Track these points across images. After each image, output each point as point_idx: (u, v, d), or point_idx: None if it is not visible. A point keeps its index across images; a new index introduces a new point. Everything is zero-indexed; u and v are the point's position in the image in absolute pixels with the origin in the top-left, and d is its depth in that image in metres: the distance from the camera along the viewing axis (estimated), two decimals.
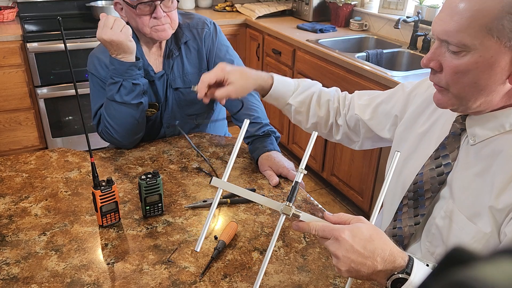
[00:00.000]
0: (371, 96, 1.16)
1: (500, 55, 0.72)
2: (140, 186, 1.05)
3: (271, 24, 3.01)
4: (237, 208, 1.15)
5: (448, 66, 0.78)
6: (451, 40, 0.75)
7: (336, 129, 1.21)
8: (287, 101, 1.18)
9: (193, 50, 1.49)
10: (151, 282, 0.90)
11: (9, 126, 2.77)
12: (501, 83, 0.75)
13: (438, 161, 0.89)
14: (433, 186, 0.89)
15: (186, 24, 1.49)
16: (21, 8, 2.97)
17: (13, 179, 1.25)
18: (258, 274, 0.80)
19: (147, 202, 1.07)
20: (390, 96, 1.11)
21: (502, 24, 0.70)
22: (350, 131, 1.19)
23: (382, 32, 2.84)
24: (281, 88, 1.16)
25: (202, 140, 1.49)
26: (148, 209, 1.08)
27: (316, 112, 1.19)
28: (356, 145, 1.22)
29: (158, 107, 1.50)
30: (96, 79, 1.43)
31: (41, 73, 2.67)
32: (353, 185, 2.44)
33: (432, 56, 0.80)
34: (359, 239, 0.71)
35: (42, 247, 0.99)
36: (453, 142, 0.87)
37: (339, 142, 1.25)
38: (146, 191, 1.06)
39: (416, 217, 0.92)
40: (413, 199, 0.93)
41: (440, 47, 0.79)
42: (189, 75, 1.50)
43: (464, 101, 0.79)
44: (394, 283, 0.70)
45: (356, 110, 1.15)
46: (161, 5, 1.34)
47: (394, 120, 1.08)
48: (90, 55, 1.46)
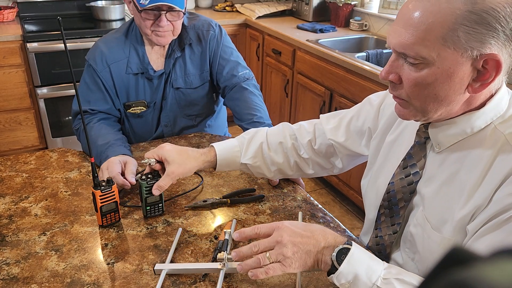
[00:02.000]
0: (338, 117, 1.12)
1: (458, 66, 0.72)
2: (140, 187, 1.05)
3: (271, 24, 3.01)
4: (237, 208, 1.15)
5: (407, 78, 0.77)
6: (408, 52, 0.74)
7: (304, 165, 1.14)
8: (239, 162, 1.12)
9: (197, 51, 1.50)
10: (151, 282, 0.90)
11: (9, 126, 2.77)
12: (461, 93, 0.75)
13: (407, 171, 0.89)
14: (405, 195, 0.89)
15: (191, 25, 1.49)
16: (21, 8, 2.97)
17: (13, 179, 1.25)
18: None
19: (148, 202, 1.07)
20: (358, 112, 1.08)
21: (458, 35, 0.69)
22: (322, 159, 1.13)
23: (382, 32, 2.84)
24: (226, 153, 1.11)
25: (202, 140, 1.49)
26: (148, 209, 1.08)
27: (273, 159, 1.13)
28: (335, 170, 1.16)
29: (146, 104, 1.50)
30: (91, 70, 1.43)
31: (41, 73, 2.67)
32: (353, 185, 2.44)
33: (390, 68, 0.79)
34: (298, 225, 0.79)
35: (42, 247, 0.99)
36: (419, 151, 0.87)
37: (315, 176, 1.19)
38: (147, 191, 1.05)
39: (394, 226, 0.92)
40: (388, 208, 0.93)
41: (398, 59, 0.78)
42: (191, 75, 1.51)
43: (425, 112, 0.79)
44: (339, 256, 0.75)
45: (328, 135, 1.10)
46: (167, 14, 1.35)
47: (368, 134, 1.06)
48: (94, 45, 1.46)
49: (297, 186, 1.25)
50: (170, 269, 0.91)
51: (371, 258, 0.77)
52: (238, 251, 0.82)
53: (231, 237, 0.95)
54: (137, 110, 1.51)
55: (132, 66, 1.44)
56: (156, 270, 0.91)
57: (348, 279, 0.74)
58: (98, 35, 2.68)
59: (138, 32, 1.45)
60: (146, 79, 1.48)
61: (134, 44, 1.45)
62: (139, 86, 1.48)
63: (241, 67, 1.53)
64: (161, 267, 0.91)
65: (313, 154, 1.13)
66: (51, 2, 3.04)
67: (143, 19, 1.35)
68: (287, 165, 1.14)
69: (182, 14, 1.39)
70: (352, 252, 0.75)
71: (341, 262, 0.74)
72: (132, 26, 1.46)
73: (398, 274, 0.74)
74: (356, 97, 2.23)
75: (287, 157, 1.14)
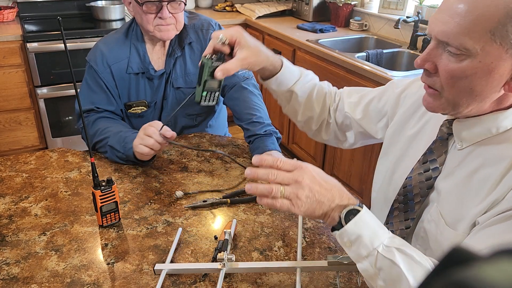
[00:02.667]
0: (360, 94, 1.12)
1: (501, 61, 0.70)
2: (203, 67, 0.92)
3: (271, 24, 3.01)
4: (237, 208, 1.15)
5: (445, 69, 0.75)
6: (451, 42, 0.72)
7: (326, 127, 1.17)
8: (289, 87, 1.09)
9: (197, 51, 1.50)
10: (151, 282, 0.90)
11: (9, 126, 2.77)
12: (497, 90, 0.74)
13: (426, 166, 0.88)
14: (422, 191, 0.88)
15: (191, 25, 1.50)
16: (21, 8, 2.97)
17: (13, 179, 1.25)
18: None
19: (206, 87, 0.95)
20: (380, 94, 1.08)
21: (506, 30, 0.68)
22: (338, 130, 1.16)
23: (382, 32, 2.84)
24: (288, 71, 1.07)
25: (202, 140, 1.49)
26: (204, 95, 0.95)
27: (313, 106, 1.13)
28: (345, 144, 1.18)
29: (147, 104, 1.50)
30: (93, 72, 1.43)
31: (41, 73, 2.67)
32: (353, 185, 2.44)
33: (427, 56, 0.77)
34: (320, 174, 0.76)
35: (42, 247, 0.99)
36: (441, 146, 0.86)
37: (326, 142, 1.21)
38: (210, 73, 0.93)
39: (407, 221, 0.92)
40: (403, 202, 0.92)
41: (437, 48, 0.76)
42: (191, 75, 1.51)
43: (456, 106, 0.78)
44: (347, 216, 0.74)
45: (346, 108, 1.11)
46: (168, 6, 1.35)
47: (386, 120, 1.06)
48: (94, 45, 1.46)
49: None
50: (170, 269, 0.91)
51: (378, 225, 0.75)
52: (253, 171, 0.77)
53: (231, 237, 0.95)
54: (138, 110, 1.51)
55: (133, 65, 1.45)
56: (156, 270, 0.91)
57: (350, 239, 0.74)
58: (98, 35, 2.68)
59: (139, 31, 1.45)
60: (147, 79, 1.48)
61: (135, 43, 1.45)
62: (140, 86, 1.48)
63: None
64: (161, 267, 0.91)
65: (333, 120, 1.15)
66: (51, 2, 3.04)
67: (145, 13, 1.35)
68: (317, 118, 1.15)
69: (183, 5, 1.39)
70: (361, 214, 0.73)
71: (348, 221, 0.73)
72: (133, 26, 1.46)
73: (401, 245, 0.73)
74: None
75: (323, 111, 1.14)
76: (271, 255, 0.98)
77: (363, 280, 0.90)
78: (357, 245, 0.73)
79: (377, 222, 0.75)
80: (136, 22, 1.45)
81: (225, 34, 0.95)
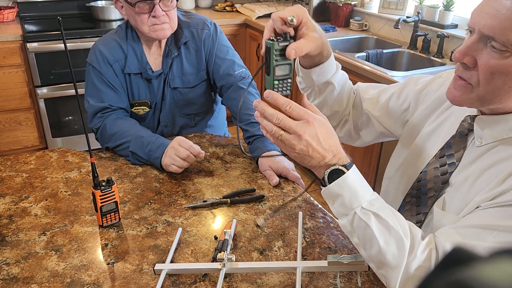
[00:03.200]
0: (378, 90, 1.09)
1: None
2: (269, 50, 0.79)
3: None
4: (237, 208, 1.15)
5: (485, 64, 0.72)
6: (497, 37, 0.68)
7: (343, 124, 1.14)
8: (328, 78, 1.02)
9: (193, 50, 1.50)
10: (151, 282, 0.90)
11: (9, 126, 2.77)
12: None
13: (442, 160, 0.87)
14: (436, 185, 0.87)
15: (186, 24, 1.49)
16: (21, 8, 2.97)
17: (13, 179, 1.25)
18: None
19: (277, 75, 0.83)
20: (400, 90, 1.06)
21: None
22: (353, 128, 1.14)
23: (382, 32, 2.84)
24: (332, 63, 1.01)
25: (202, 140, 1.49)
26: (277, 84, 0.84)
27: (342, 100, 1.08)
28: (357, 142, 1.16)
29: (149, 104, 1.50)
30: (97, 72, 1.43)
31: (41, 73, 2.67)
32: None
33: (467, 50, 0.74)
34: (324, 131, 0.76)
35: (42, 247, 0.99)
36: (460, 142, 0.86)
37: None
38: (278, 55, 0.81)
39: (419, 215, 0.91)
40: (416, 197, 0.92)
41: (479, 42, 0.72)
42: (188, 75, 1.50)
43: (485, 102, 0.76)
44: (331, 175, 0.77)
45: (365, 105, 1.08)
46: (160, 4, 1.35)
47: (405, 116, 1.04)
48: (93, 47, 1.46)
49: (297, 186, 1.25)
50: (170, 269, 0.91)
51: (362, 185, 0.77)
52: (261, 107, 0.78)
53: (231, 237, 0.95)
54: (140, 111, 1.51)
55: (131, 66, 1.45)
56: (156, 270, 0.91)
57: (332, 197, 0.78)
58: (98, 35, 2.68)
59: (135, 32, 1.45)
60: (146, 81, 1.48)
61: (131, 44, 1.45)
62: (140, 88, 1.48)
63: (237, 66, 1.52)
64: (161, 267, 0.91)
65: (350, 117, 1.13)
66: (51, 2, 3.04)
67: (137, 14, 1.35)
68: (341, 114, 1.12)
69: (175, 1, 1.39)
70: (345, 176, 0.76)
71: (332, 181, 0.77)
72: (129, 26, 1.46)
73: (379, 209, 0.76)
74: None
75: (347, 107, 1.12)
76: (271, 255, 0.98)
77: (363, 280, 0.90)
78: (338, 204, 0.77)
79: (360, 183, 0.77)
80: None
81: (290, 13, 0.83)
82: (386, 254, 0.74)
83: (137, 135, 1.32)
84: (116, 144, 1.36)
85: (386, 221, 0.74)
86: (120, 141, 1.34)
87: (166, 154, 1.25)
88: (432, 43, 2.44)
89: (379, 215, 0.75)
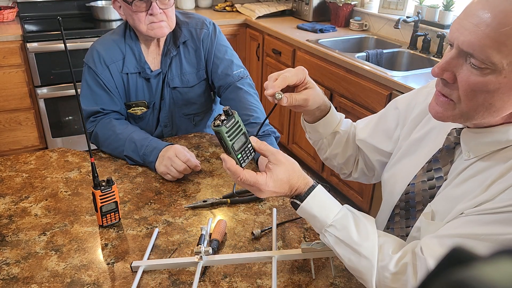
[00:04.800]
0: (368, 119, 1.11)
1: None
2: (219, 134, 0.79)
3: (271, 24, 3.01)
4: (237, 208, 1.15)
5: (465, 81, 0.70)
6: (476, 54, 0.66)
7: (356, 165, 1.14)
8: (334, 128, 1.06)
9: (192, 50, 1.50)
10: (151, 282, 0.90)
11: (9, 126, 2.77)
12: None
13: (430, 174, 0.86)
14: (424, 199, 0.87)
15: (185, 23, 1.49)
16: (21, 8, 2.97)
17: (13, 179, 1.25)
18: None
19: (236, 149, 0.82)
20: (385, 113, 1.06)
21: None
22: (364, 165, 1.13)
23: (382, 32, 2.84)
24: (334, 113, 1.05)
25: (202, 140, 1.49)
26: (240, 157, 0.83)
27: (351, 145, 1.10)
28: (374, 178, 1.15)
29: (147, 105, 1.50)
30: (92, 73, 1.43)
31: (41, 73, 2.67)
32: (352, 185, 2.44)
33: (446, 65, 0.71)
34: (280, 184, 0.81)
35: (42, 247, 0.99)
36: (447, 156, 0.84)
37: (357, 180, 1.18)
38: (231, 135, 0.80)
39: (408, 228, 0.91)
40: (405, 209, 0.91)
41: (458, 57, 0.70)
42: (187, 74, 1.50)
43: (469, 118, 0.74)
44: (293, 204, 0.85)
45: (358, 135, 1.09)
46: (157, 1, 1.35)
47: (398, 133, 1.03)
48: (91, 47, 1.46)
49: None
50: (148, 265, 0.92)
51: (320, 212, 0.82)
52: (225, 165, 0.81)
53: (207, 232, 0.97)
54: (138, 111, 1.51)
55: (129, 65, 1.44)
56: (133, 267, 0.92)
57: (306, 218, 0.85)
58: (98, 35, 2.67)
59: (134, 32, 1.45)
60: (144, 80, 1.48)
61: (130, 44, 1.45)
62: (138, 87, 1.48)
63: (235, 66, 1.52)
64: (138, 264, 0.92)
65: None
66: (51, 2, 3.05)
67: (135, 12, 1.35)
68: (355, 158, 1.13)
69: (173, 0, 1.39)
70: (301, 206, 0.83)
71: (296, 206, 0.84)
72: (128, 26, 1.46)
73: (340, 230, 0.81)
74: (356, 97, 2.23)
75: (356, 150, 1.12)
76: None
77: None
78: (311, 223, 0.85)
79: (319, 209, 0.82)
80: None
81: (292, 76, 0.88)
82: (355, 272, 0.82)
83: (130, 138, 1.32)
84: (110, 149, 1.37)
85: (347, 243, 0.80)
86: (114, 145, 1.35)
87: (162, 162, 1.25)
88: (432, 43, 2.44)
89: (339, 238, 0.81)
